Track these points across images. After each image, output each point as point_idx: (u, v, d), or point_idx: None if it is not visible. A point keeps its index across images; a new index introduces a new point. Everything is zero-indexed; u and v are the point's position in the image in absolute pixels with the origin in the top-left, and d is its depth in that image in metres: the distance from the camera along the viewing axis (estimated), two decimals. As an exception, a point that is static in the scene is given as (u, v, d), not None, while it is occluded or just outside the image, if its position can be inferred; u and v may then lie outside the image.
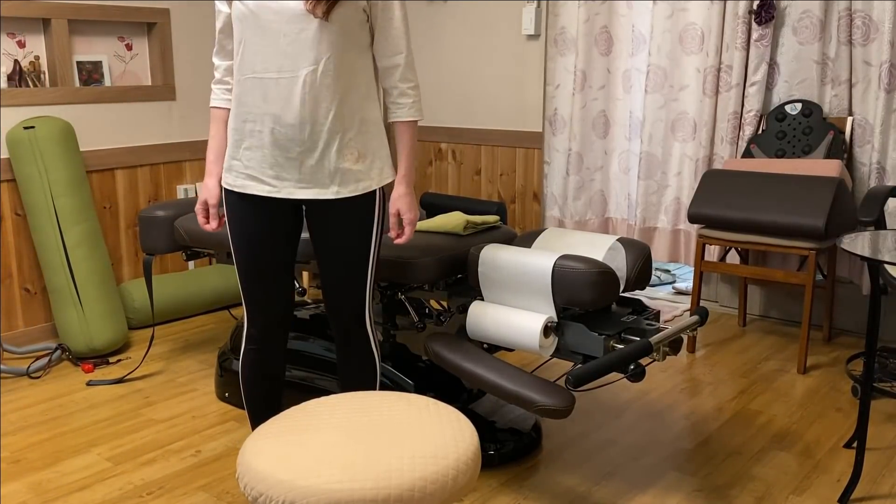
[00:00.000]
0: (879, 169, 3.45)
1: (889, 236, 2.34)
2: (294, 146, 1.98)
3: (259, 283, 2.12)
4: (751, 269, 3.43)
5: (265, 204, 2.06)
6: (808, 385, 3.19)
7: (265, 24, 1.94)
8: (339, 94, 1.98)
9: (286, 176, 2.01)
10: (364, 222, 2.09)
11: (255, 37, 1.95)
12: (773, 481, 2.46)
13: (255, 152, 2.01)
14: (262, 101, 1.98)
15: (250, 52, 1.97)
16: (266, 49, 1.95)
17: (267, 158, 2.01)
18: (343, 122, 2.00)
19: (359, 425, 1.56)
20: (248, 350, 2.21)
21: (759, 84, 3.65)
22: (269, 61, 1.95)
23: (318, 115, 1.97)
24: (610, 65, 4.18)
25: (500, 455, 2.56)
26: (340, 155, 2.01)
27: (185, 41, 4.13)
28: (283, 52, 1.94)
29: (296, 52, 1.94)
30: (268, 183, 2.03)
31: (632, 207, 4.22)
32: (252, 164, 2.02)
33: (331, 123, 1.98)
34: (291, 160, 2.00)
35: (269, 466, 1.43)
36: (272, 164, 2.01)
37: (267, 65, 1.95)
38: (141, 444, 2.73)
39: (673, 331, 2.27)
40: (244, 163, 2.04)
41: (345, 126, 2.00)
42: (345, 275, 2.11)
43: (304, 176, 2.01)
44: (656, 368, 3.38)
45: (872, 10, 3.39)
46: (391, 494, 1.37)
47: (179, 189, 4.18)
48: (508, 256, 2.40)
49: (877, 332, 2.28)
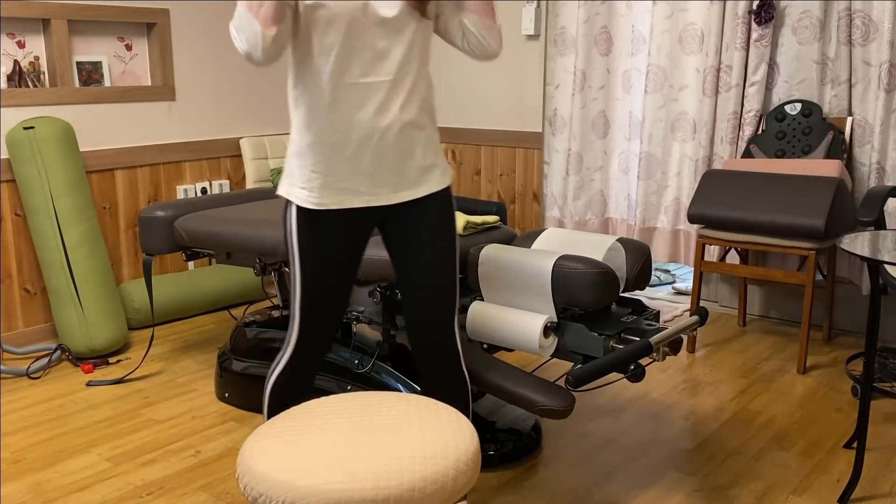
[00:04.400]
0: (879, 169, 3.45)
1: (889, 236, 2.34)
2: (391, 151, 1.89)
3: (326, 300, 1.97)
4: (750, 269, 3.43)
5: (350, 218, 1.94)
6: (807, 385, 3.19)
7: (361, 26, 1.81)
8: (424, 90, 1.93)
9: (383, 182, 1.91)
10: (449, 215, 2.02)
11: (349, 40, 1.82)
12: (773, 481, 2.46)
13: (348, 163, 1.88)
14: (359, 108, 1.85)
15: (343, 56, 1.82)
16: (362, 53, 1.82)
17: (362, 167, 1.89)
18: (429, 118, 1.96)
19: (359, 425, 1.56)
20: (292, 367, 2.02)
21: (758, 84, 3.66)
22: (365, 66, 1.83)
23: (413, 116, 1.90)
24: (610, 65, 4.18)
25: (500, 455, 2.56)
26: (426, 151, 1.95)
27: (185, 41, 4.13)
28: (379, 55, 1.83)
29: (393, 54, 1.84)
30: (365, 192, 1.91)
31: (631, 208, 4.22)
32: (346, 176, 1.89)
33: (423, 122, 1.93)
34: (388, 166, 1.90)
35: (269, 466, 1.43)
36: (369, 173, 1.89)
37: (364, 69, 1.83)
38: (141, 444, 2.73)
39: (673, 331, 2.27)
40: (338, 176, 1.89)
41: (431, 122, 1.96)
42: (441, 271, 2.00)
43: (400, 179, 1.93)
44: (656, 368, 3.38)
45: (872, 10, 3.39)
46: (391, 494, 1.37)
47: (179, 189, 4.18)
48: (508, 257, 2.40)
49: (877, 332, 2.28)
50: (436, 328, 2.03)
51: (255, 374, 2.94)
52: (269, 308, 3.23)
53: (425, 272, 2.00)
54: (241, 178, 4.48)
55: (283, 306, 3.23)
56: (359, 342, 2.80)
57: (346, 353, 2.78)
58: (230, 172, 4.43)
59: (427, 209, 1.98)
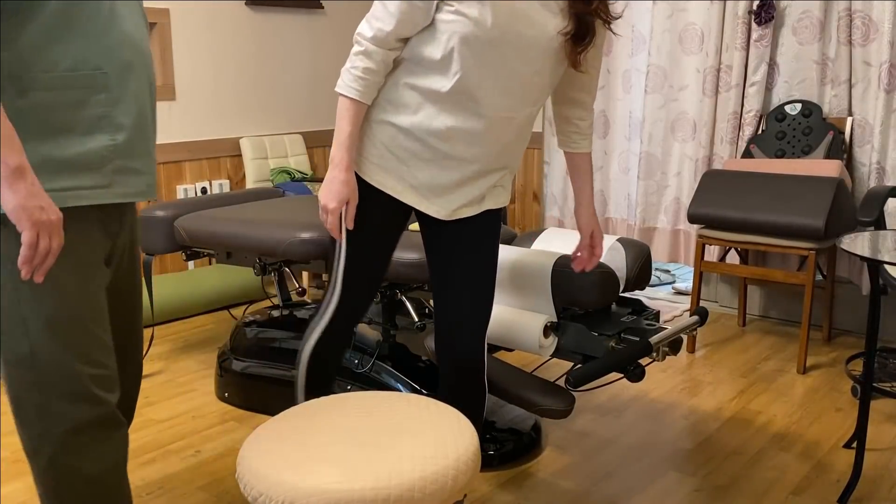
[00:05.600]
0: (879, 169, 3.45)
1: (889, 236, 2.34)
2: (472, 173, 1.85)
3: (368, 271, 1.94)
4: (750, 269, 3.43)
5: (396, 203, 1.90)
6: (807, 385, 3.19)
7: (504, 56, 1.71)
8: (527, 133, 1.90)
9: (453, 198, 1.87)
10: (496, 231, 1.97)
11: (485, 67, 1.71)
12: (773, 481, 2.46)
13: (428, 172, 1.83)
14: (470, 136, 1.79)
15: (472, 83, 1.73)
16: (496, 84, 1.74)
17: (439, 182, 1.84)
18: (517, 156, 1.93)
19: (359, 425, 1.56)
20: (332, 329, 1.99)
21: (758, 84, 3.66)
22: (492, 98, 1.75)
23: (512, 150, 1.88)
24: (610, 65, 4.18)
25: (500, 455, 2.56)
26: (503, 177, 1.93)
27: (185, 41, 4.13)
28: (510, 92, 1.76)
29: (525, 93, 1.77)
30: (433, 203, 1.87)
31: (631, 207, 4.22)
32: (419, 182, 1.84)
33: (516, 155, 1.91)
34: (460, 187, 1.86)
35: (269, 466, 1.43)
36: (444, 190, 1.85)
37: (490, 102, 1.75)
38: (141, 444, 2.73)
39: (673, 331, 2.27)
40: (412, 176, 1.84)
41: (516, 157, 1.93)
42: (482, 280, 1.95)
43: (468, 199, 1.89)
44: (656, 368, 3.38)
45: (872, 11, 3.39)
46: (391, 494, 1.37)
47: (179, 189, 4.18)
48: (508, 256, 2.40)
49: (877, 332, 2.28)
50: (466, 337, 1.96)
51: (255, 374, 2.94)
52: (269, 308, 3.23)
53: (466, 278, 1.94)
54: (241, 177, 4.48)
55: (282, 306, 3.23)
56: (359, 342, 2.81)
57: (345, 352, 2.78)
58: (230, 172, 4.43)
59: (480, 222, 1.94)
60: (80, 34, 1.45)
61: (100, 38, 1.48)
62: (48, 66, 1.43)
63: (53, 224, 1.39)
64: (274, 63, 4.59)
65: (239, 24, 4.38)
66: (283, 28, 4.62)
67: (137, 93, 1.56)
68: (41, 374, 1.48)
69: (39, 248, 1.38)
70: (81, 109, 1.47)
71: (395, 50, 1.77)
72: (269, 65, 4.57)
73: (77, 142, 1.48)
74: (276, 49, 4.59)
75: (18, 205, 1.35)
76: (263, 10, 4.49)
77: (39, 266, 1.39)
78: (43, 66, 1.43)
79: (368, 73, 1.75)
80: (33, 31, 1.41)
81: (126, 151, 1.55)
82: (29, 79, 1.42)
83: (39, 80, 1.43)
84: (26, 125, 1.43)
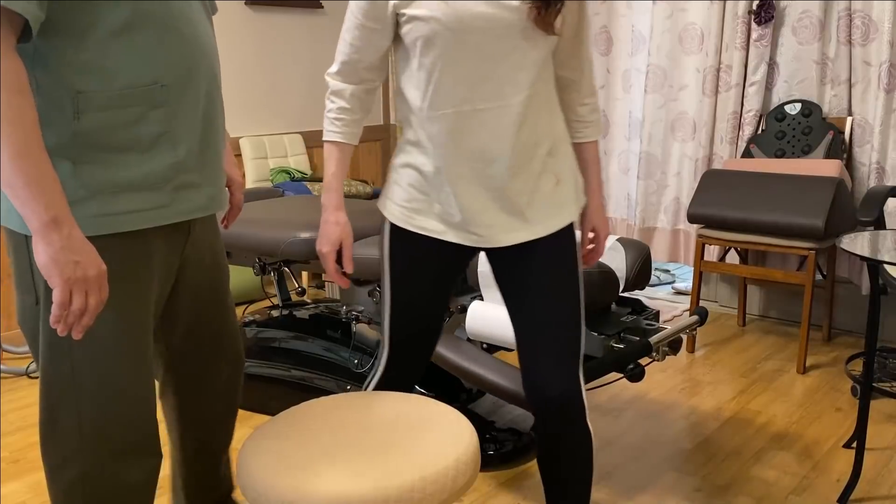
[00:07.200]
0: (879, 169, 3.45)
1: (889, 236, 2.34)
2: (497, 185, 1.67)
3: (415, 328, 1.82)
4: (750, 269, 3.43)
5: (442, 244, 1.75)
6: (807, 385, 3.19)
7: (470, 43, 1.58)
8: (546, 118, 1.71)
9: (492, 223, 1.70)
10: (570, 253, 1.77)
11: (455, 60, 1.60)
12: (773, 481, 2.46)
13: (452, 200, 1.68)
14: (466, 135, 1.64)
15: (448, 80, 1.61)
16: (470, 75, 1.60)
17: (465, 204, 1.68)
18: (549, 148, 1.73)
19: (358, 425, 1.56)
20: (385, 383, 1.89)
21: (758, 84, 3.66)
22: (473, 90, 1.61)
23: (529, 148, 1.67)
24: (609, 65, 4.18)
25: (500, 455, 2.56)
26: (542, 182, 1.71)
27: (184, 41, 4.13)
28: (489, 77, 1.61)
29: (508, 76, 1.61)
30: (473, 233, 1.70)
31: (631, 207, 4.22)
32: (454, 211, 1.69)
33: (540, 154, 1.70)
34: (492, 203, 1.68)
35: (269, 466, 1.43)
36: (478, 212, 1.68)
37: (471, 94, 1.61)
38: (140, 444, 2.73)
39: (672, 331, 2.27)
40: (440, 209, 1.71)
41: (549, 152, 1.72)
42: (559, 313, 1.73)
43: (510, 219, 1.70)
44: (656, 368, 3.38)
45: (872, 10, 3.39)
46: (391, 494, 1.37)
47: (179, 189, 4.18)
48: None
49: (876, 332, 2.28)
50: (557, 382, 1.72)
51: (255, 374, 2.94)
52: (269, 308, 3.23)
53: (542, 311, 1.73)
54: (240, 177, 4.48)
55: (282, 306, 3.23)
56: (358, 342, 2.80)
57: (345, 353, 2.78)
58: (230, 172, 4.42)
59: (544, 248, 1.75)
60: (136, 47, 1.38)
61: (156, 49, 1.40)
62: (103, 85, 1.36)
63: (90, 280, 1.30)
64: (274, 63, 4.59)
65: (239, 24, 4.38)
66: (283, 28, 4.61)
67: (199, 99, 1.49)
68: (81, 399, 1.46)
69: (73, 307, 1.29)
70: (139, 127, 1.41)
71: (366, 82, 1.71)
72: (269, 65, 4.57)
73: (136, 162, 1.41)
74: (276, 49, 4.59)
75: (50, 259, 1.26)
76: (263, 10, 4.49)
77: (76, 324, 1.31)
78: (98, 85, 1.36)
79: (343, 112, 1.71)
80: (90, 46, 1.34)
81: (188, 166, 1.49)
82: (84, 99, 1.35)
83: (95, 99, 1.36)
84: (82, 148, 1.37)
